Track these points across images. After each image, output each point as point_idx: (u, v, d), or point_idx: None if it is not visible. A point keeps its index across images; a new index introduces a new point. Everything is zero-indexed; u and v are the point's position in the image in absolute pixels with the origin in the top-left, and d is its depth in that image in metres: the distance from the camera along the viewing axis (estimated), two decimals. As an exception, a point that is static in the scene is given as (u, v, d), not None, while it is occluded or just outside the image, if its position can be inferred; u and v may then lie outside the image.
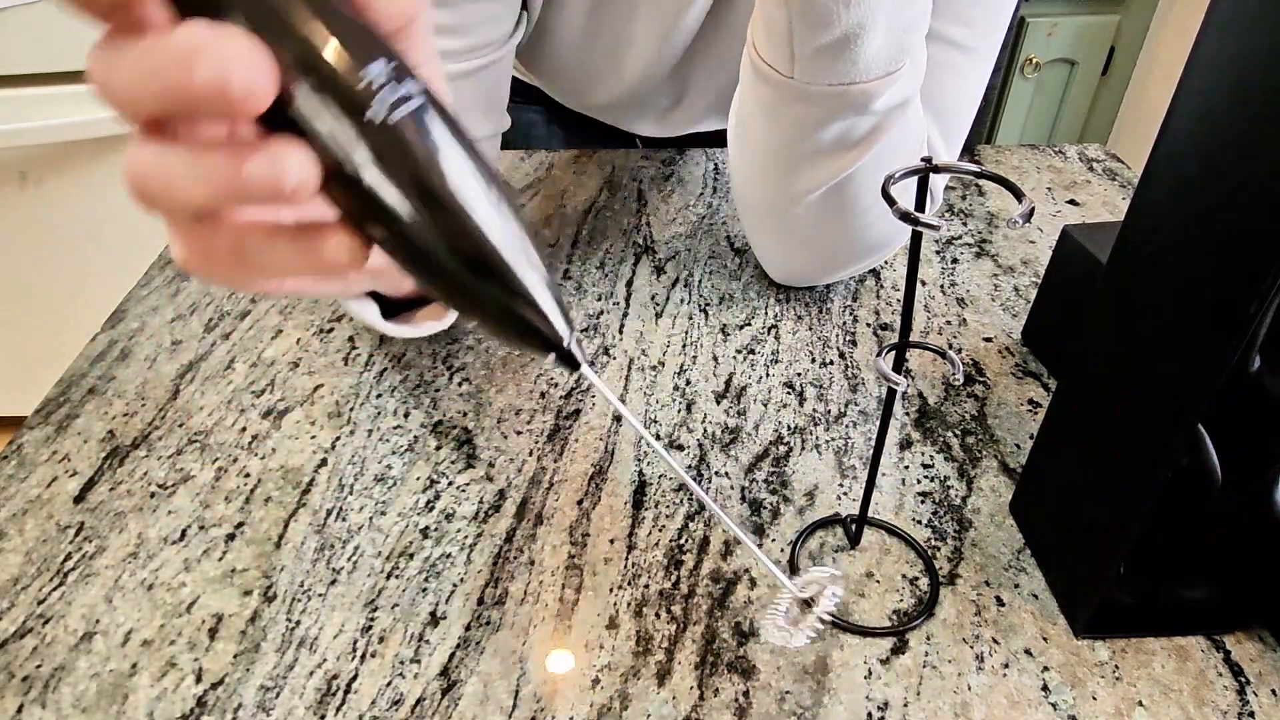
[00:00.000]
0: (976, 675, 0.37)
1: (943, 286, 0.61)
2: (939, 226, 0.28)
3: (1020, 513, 0.43)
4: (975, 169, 0.31)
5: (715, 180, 0.73)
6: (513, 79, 0.78)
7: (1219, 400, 0.30)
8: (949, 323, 0.57)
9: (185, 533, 0.43)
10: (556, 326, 0.22)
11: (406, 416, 0.50)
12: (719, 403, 0.51)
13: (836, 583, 0.28)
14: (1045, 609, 0.39)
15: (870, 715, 0.35)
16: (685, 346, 0.55)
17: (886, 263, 0.63)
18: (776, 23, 0.43)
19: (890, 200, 0.29)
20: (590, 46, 0.63)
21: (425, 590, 0.40)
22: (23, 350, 1.54)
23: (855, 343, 0.55)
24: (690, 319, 0.58)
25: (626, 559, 0.42)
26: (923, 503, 0.44)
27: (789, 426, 0.49)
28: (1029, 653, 0.37)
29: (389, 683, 0.37)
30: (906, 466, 0.46)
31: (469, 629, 0.39)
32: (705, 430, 0.49)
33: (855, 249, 0.55)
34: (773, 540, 0.42)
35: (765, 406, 0.51)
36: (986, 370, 0.53)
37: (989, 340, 0.56)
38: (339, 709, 0.36)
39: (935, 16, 0.47)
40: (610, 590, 0.40)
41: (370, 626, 0.39)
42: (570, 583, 0.41)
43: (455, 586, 0.41)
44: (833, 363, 0.54)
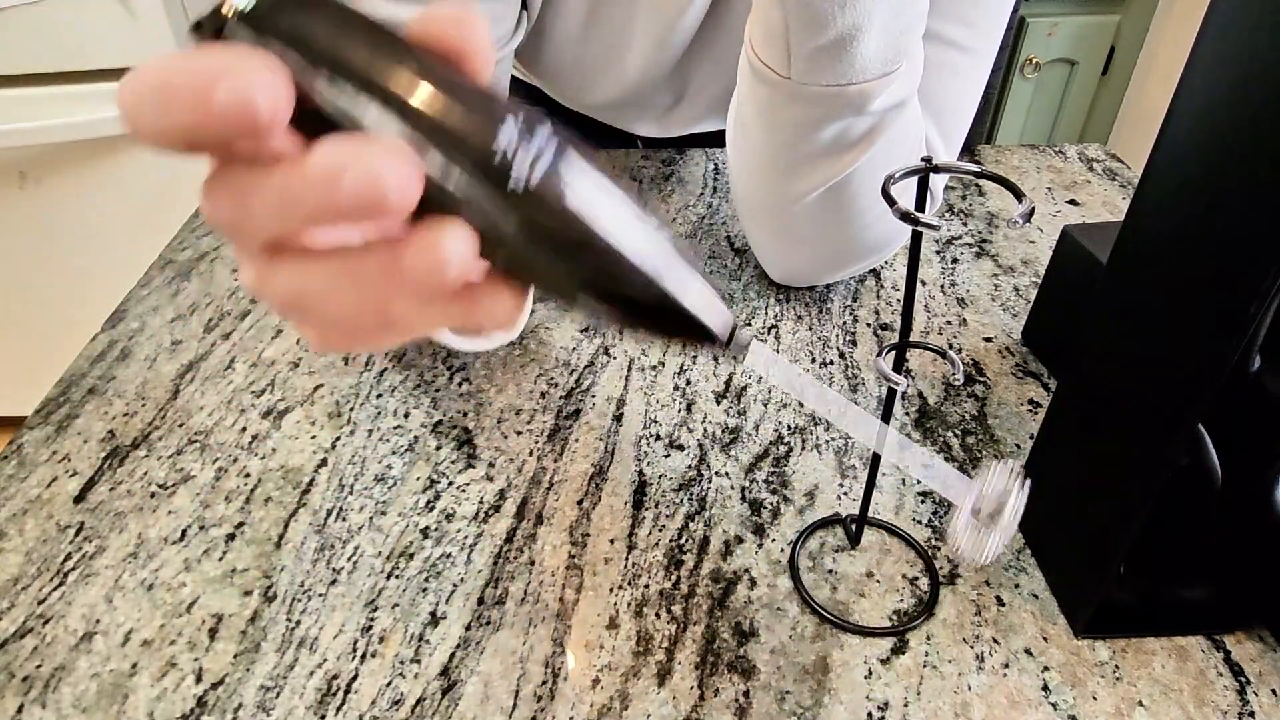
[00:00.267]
0: (977, 675, 0.37)
1: (943, 286, 0.61)
2: (939, 226, 0.28)
3: (1020, 512, 0.43)
4: (975, 169, 0.31)
5: (715, 180, 0.73)
6: (512, 79, 0.78)
7: (1219, 400, 0.30)
8: (949, 323, 0.57)
9: (185, 533, 0.43)
10: (722, 319, 0.23)
11: (406, 416, 0.50)
12: (719, 403, 0.51)
13: (1018, 478, 0.24)
14: (1045, 609, 0.39)
15: (870, 715, 0.35)
16: (685, 346, 0.55)
17: (886, 263, 0.63)
18: (773, 23, 0.43)
19: (890, 200, 0.29)
20: (589, 47, 0.63)
21: (425, 590, 0.40)
22: (23, 350, 1.54)
23: (855, 343, 0.55)
24: (690, 319, 0.57)
25: (627, 559, 0.42)
26: (923, 503, 0.44)
27: (789, 426, 0.49)
28: (1029, 653, 0.37)
29: (389, 683, 0.37)
30: (907, 466, 0.46)
31: (469, 629, 0.39)
32: (705, 430, 0.49)
33: (855, 249, 0.55)
34: (773, 540, 0.42)
35: (765, 406, 0.51)
36: (986, 370, 0.53)
37: (989, 340, 0.56)
38: (339, 709, 0.36)
39: (934, 17, 0.47)
40: (610, 590, 0.40)
41: (370, 626, 0.39)
42: (570, 583, 0.41)
43: (455, 586, 0.41)
44: (833, 363, 0.54)
